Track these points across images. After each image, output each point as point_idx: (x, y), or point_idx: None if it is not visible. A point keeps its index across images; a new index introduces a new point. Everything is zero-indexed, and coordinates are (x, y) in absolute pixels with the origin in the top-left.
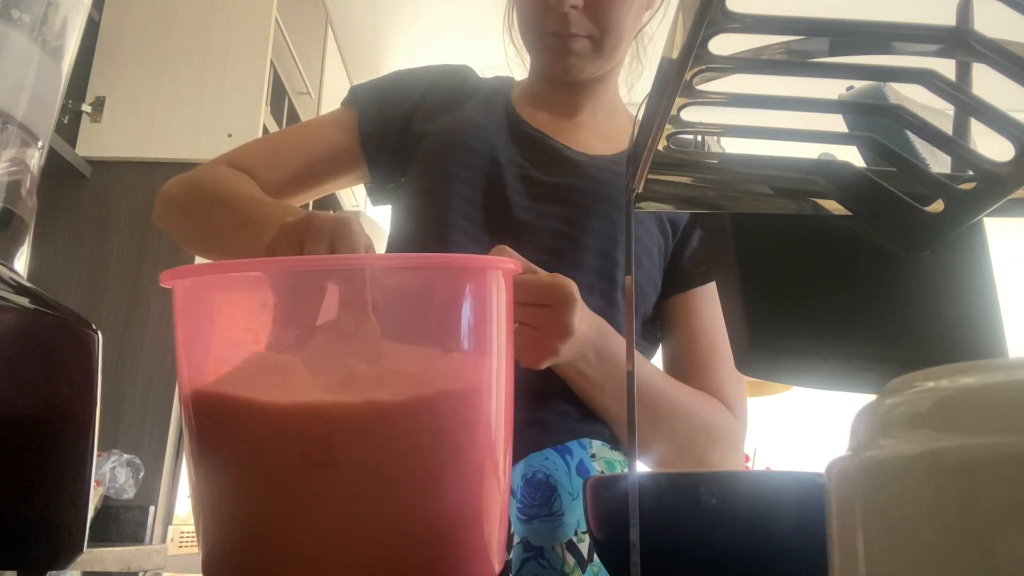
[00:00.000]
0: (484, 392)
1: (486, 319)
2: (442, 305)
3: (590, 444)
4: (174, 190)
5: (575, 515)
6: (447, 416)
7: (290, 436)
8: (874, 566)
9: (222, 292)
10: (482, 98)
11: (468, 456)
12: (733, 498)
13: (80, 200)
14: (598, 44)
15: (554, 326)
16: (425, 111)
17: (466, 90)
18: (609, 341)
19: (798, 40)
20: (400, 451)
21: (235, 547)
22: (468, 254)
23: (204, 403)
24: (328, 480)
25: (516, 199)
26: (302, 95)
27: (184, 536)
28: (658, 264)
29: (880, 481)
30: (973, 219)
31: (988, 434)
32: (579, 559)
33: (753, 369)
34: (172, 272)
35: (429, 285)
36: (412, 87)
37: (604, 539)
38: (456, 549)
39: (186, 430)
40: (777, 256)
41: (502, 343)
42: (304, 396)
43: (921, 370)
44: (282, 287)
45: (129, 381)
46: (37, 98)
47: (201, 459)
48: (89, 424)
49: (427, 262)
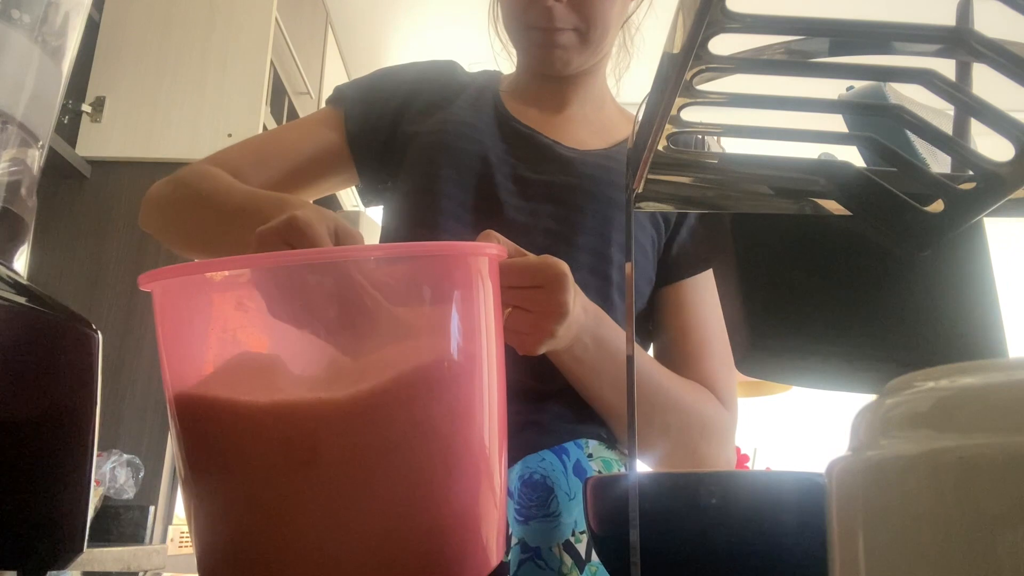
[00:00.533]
0: (472, 381)
1: (473, 306)
2: (427, 295)
3: (586, 444)
4: (158, 191)
5: (572, 515)
6: (433, 404)
7: (273, 436)
8: (874, 566)
9: (200, 293)
10: (470, 95)
11: (456, 449)
12: (733, 498)
13: (80, 200)
14: (584, 36)
15: (548, 307)
16: (413, 110)
17: (454, 87)
18: (606, 329)
19: (798, 40)
20: (385, 444)
21: (226, 547)
22: (453, 241)
23: (187, 405)
24: (313, 478)
25: (508, 199)
26: (302, 95)
27: (184, 536)
28: (652, 259)
29: (880, 481)
30: (973, 219)
31: (988, 434)
32: (576, 559)
33: (753, 369)
34: (150, 275)
35: (413, 275)
36: (398, 85)
37: (604, 539)
38: (447, 544)
39: (172, 433)
40: (777, 256)
41: (490, 330)
42: (286, 395)
43: (921, 370)
44: (262, 284)
45: (129, 381)
46: (37, 98)
47: (189, 461)
48: (89, 424)
49: (409, 251)
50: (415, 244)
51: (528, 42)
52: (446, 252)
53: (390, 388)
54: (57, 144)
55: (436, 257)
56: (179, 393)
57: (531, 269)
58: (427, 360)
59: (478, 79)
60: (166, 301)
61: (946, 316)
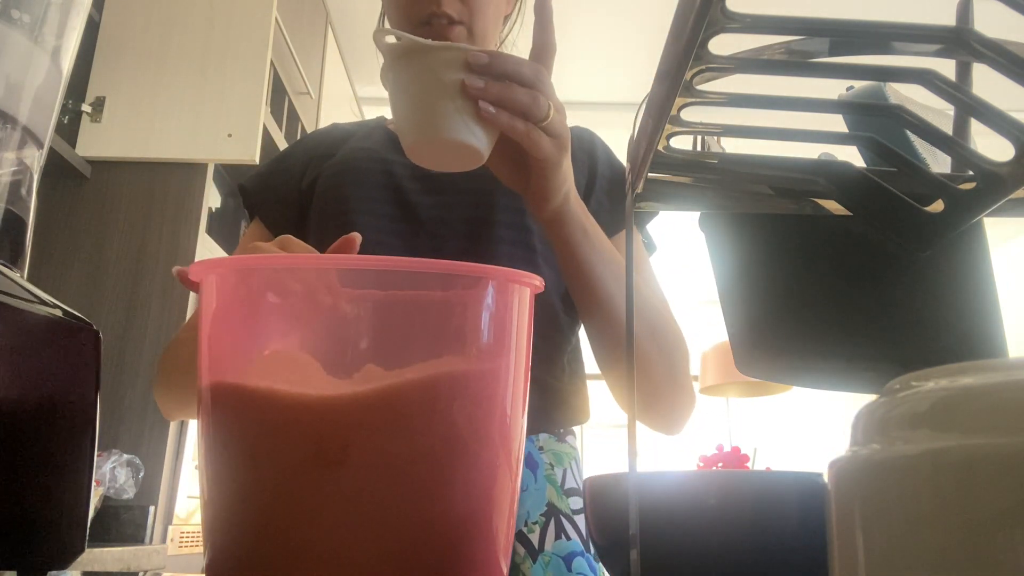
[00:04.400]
0: (497, 397)
1: (505, 326)
2: (463, 313)
3: (537, 438)
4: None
5: (524, 507)
6: (461, 417)
7: (308, 432)
8: (874, 566)
9: (250, 287)
10: (362, 134)
11: (480, 463)
12: (733, 498)
13: (80, 200)
14: (470, 29)
15: (530, 103)
16: (312, 167)
17: (343, 135)
18: (596, 228)
19: (798, 40)
20: (413, 453)
21: (243, 543)
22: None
23: (223, 394)
24: (341, 479)
25: (418, 199)
26: (302, 95)
27: (184, 536)
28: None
29: (880, 481)
30: (973, 219)
31: (988, 434)
32: (530, 549)
33: (753, 369)
34: (201, 264)
35: (456, 293)
36: (294, 162)
37: (604, 539)
38: (464, 553)
39: (201, 423)
40: (778, 257)
41: (519, 348)
42: (323, 392)
43: (921, 370)
44: (310, 286)
45: (129, 381)
46: (37, 98)
47: (215, 451)
48: (89, 424)
49: (455, 269)
50: (462, 264)
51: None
52: (493, 276)
53: (426, 398)
54: (57, 144)
55: (483, 279)
56: (216, 382)
57: (510, 62)
58: (457, 373)
59: (366, 123)
60: (214, 292)
61: (946, 316)
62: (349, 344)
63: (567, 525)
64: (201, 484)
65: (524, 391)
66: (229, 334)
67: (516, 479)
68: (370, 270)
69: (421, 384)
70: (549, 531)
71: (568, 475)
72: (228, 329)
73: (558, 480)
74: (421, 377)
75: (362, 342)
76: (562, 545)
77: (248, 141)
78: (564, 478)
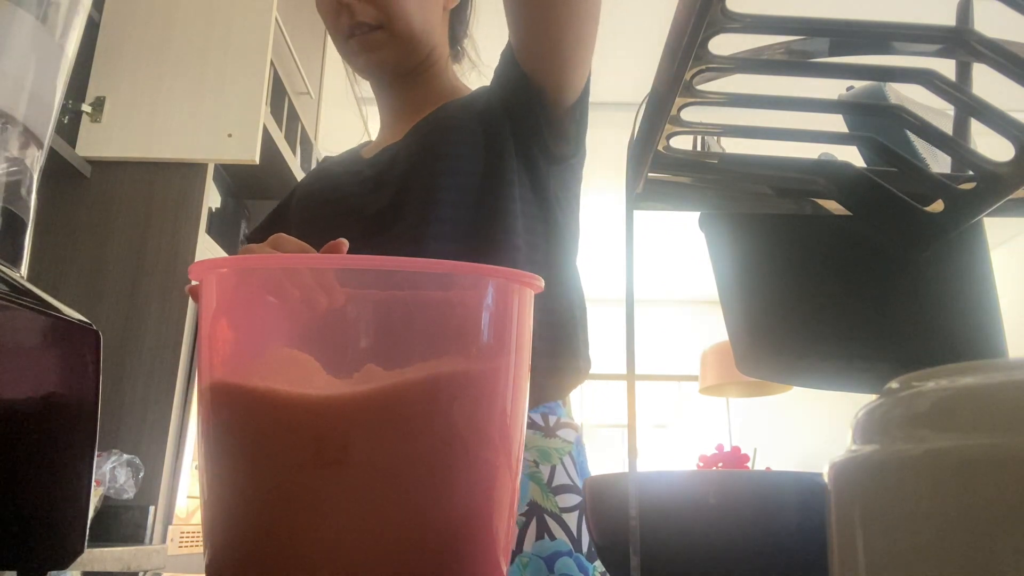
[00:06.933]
0: (497, 395)
1: (505, 326)
2: (463, 313)
3: None
4: None
5: None
6: (461, 418)
7: (307, 432)
8: (874, 566)
9: (251, 286)
10: (341, 157)
11: (480, 463)
12: (733, 498)
13: (80, 200)
14: (389, 32)
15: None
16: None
17: (328, 164)
18: None
19: (798, 40)
20: (413, 453)
21: (243, 543)
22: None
23: (223, 394)
24: (340, 478)
25: (353, 190)
26: (302, 95)
27: (184, 536)
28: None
29: (880, 481)
30: (973, 219)
31: (988, 434)
32: None
33: (753, 369)
34: (200, 264)
35: (458, 292)
36: (288, 201)
37: (604, 539)
38: (463, 553)
39: (201, 423)
40: (778, 257)
41: (521, 348)
42: (323, 391)
43: (921, 370)
44: (309, 286)
45: (129, 381)
46: (37, 98)
47: (215, 452)
48: (89, 424)
49: (456, 269)
50: (462, 264)
51: (348, 53)
52: (494, 276)
53: (426, 398)
54: (57, 144)
55: (483, 279)
56: (216, 382)
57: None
58: (457, 372)
59: (353, 149)
60: (214, 292)
61: (946, 316)
62: (349, 344)
63: (552, 524)
64: (201, 484)
65: (524, 391)
66: (229, 334)
67: (516, 479)
68: (370, 270)
69: (421, 384)
70: (530, 531)
71: (558, 471)
72: (228, 329)
73: (544, 478)
74: (421, 377)
75: (362, 342)
76: (544, 545)
77: (248, 141)
78: (552, 475)
